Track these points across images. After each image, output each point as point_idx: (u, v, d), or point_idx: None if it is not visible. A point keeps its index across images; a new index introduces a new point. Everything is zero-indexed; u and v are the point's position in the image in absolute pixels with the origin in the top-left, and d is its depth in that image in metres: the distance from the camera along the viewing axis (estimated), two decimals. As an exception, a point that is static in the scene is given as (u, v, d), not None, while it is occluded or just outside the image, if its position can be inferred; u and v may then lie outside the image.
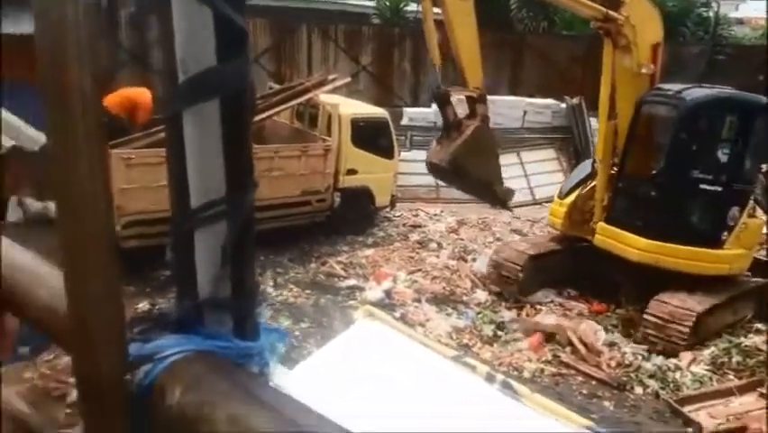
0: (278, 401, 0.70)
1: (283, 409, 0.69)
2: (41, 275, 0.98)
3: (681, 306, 7.04)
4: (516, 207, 12.97)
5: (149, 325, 0.83)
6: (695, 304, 7.06)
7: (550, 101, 15.41)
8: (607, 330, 7.62)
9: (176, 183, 0.79)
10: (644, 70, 7.50)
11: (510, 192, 8.93)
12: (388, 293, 8.51)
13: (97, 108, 0.66)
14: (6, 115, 3.56)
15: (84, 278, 0.73)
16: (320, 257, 9.69)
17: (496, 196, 8.76)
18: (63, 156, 0.67)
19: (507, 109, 14.85)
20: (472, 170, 8.17)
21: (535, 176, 13.90)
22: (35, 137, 3.37)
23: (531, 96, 15.97)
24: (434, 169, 8.53)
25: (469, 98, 8.30)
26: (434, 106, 8.89)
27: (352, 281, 8.94)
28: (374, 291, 8.54)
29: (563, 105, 15.10)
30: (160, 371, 0.76)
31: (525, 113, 15.11)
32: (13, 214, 8.56)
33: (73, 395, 5.43)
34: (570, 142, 14.82)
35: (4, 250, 1.06)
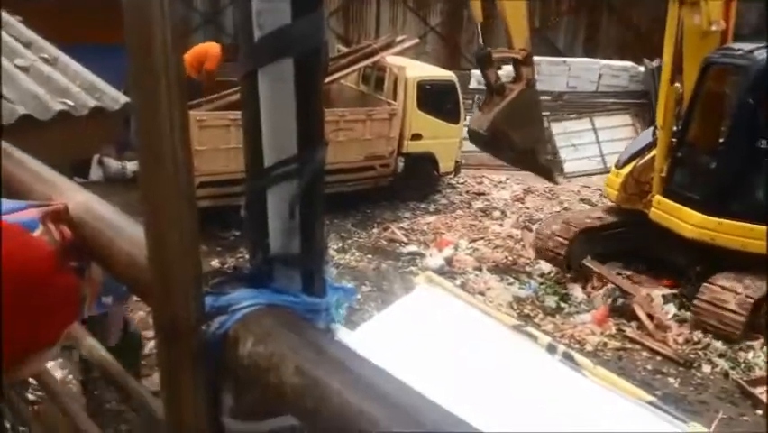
0: (344, 356, 0.72)
1: (349, 364, 0.71)
2: (124, 228, 1.03)
3: (738, 290, 6.53)
4: (586, 175, 12.59)
5: (223, 279, 0.87)
6: (754, 289, 6.53)
7: (627, 63, 14.64)
8: (676, 306, 7.36)
9: (250, 141, 0.81)
10: (714, 28, 6.78)
11: (556, 163, 8.44)
12: (448, 261, 8.51)
13: (179, 65, 0.68)
14: (90, 75, 3.75)
15: (164, 230, 0.77)
16: (382, 223, 9.77)
17: (540, 166, 8.27)
18: (146, 110, 0.70)
19: (581, 72, 14.24)
20: (514, 137, 7.68)
21: (608, 143, 13.36)
22: (116, 97, 3.55)
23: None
24: (474, 137, 8.15)
25: (513, 60, 7.88)
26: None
27: (413, 248, 8.99)
28: (435, 258, 8.56)
29: (642, 69, 14.31)
30: (233, 322, 0.79)
31: (600, 76, 14.43)
32: (95, 173, 9.04)
33: (148, 347, 5.76)
34: (647, 108, 14.05)
35: (90, 204, 1.12)
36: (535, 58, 14.90)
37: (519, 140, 7.76)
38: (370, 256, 8.68)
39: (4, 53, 3.31)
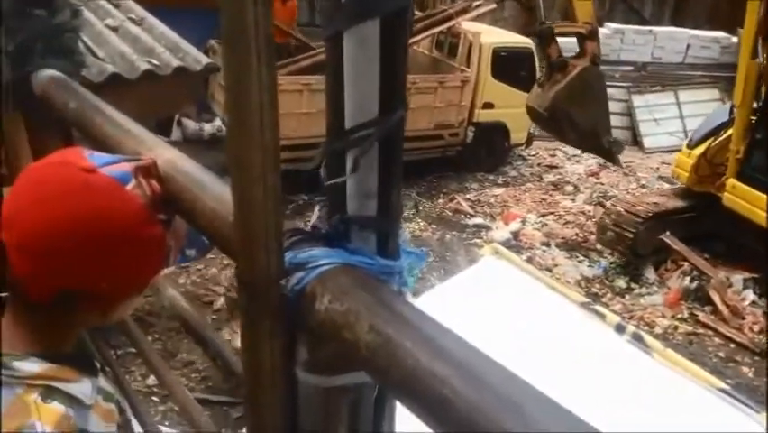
0: (417, 317, 0.73)
1: (422, 325, 0.72)
2: (208, 185, 1.08)
3: None
4: (667, 151, 12.01)
5: (301, 237, 0.89)
6: None
7: (719, 34, 13.68)
8: (756, 293, 6.98)
9: (332, 103, 0.82)
10: None
11: (620, 145, 8.00)
12: (515, 234, 8.38)
13: (267, 27, 0.70)
14: (173, 36, 3.89)
15: (248, 186, 0.79)
16: (448, 193, 9.70)
17: (602, 147, 7.85)
18: (236, 69, 0.72)
19: (667, 42, 13.46)
20: (576, 117, 7.32)
21: (693, 118, 12.62)
22: (198, 58, 3.67)
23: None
24: (532, 114, 7.86)
25: (577, 35, 7.52)
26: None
27: (478, 220, 8.90)
28: (501, 232, 8.45)
29: (735, 40, 13.35)
30: (311, 278, 0.81)
31: (688, 47, 13.58)
32: (175, 133, 9.43)
33: (219, 303, 6.03)
34: (737, 83, 13.12)
35: (176, 161, 1.17)
36: (619, 26, 14.22)
37: (581, 120, 7.39)
38: (434, 226, 8.67)
39: (96, 14, 3.47)
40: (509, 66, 9.85)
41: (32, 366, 0.99)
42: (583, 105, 7.37)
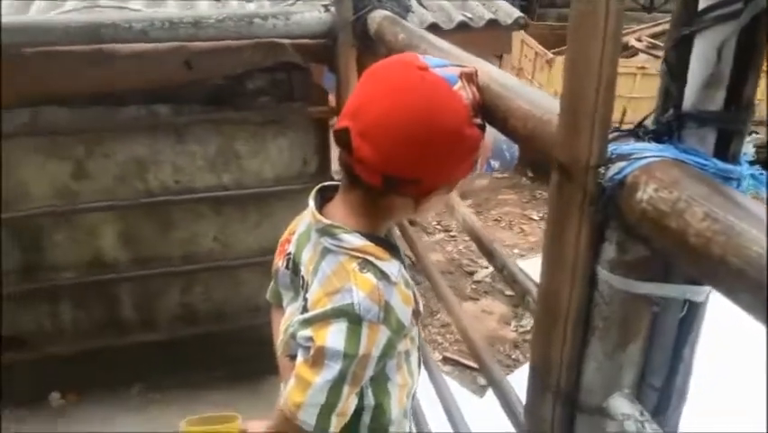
0: (763, 211, 0.65)
1: (769, 218, 0.63)
2: (522, 92, 1.11)
3: None
4: None
5: (626, 132, 0.86)
6: None
7: None
8: None
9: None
10: None
11: None
12: None
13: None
14: None
15: (585, 69, 0.79)
16: None
17: None
18: (582, 27, 0.75)
19: None
20: None
21: None
22: (510, 12, 3.81)
23: None
24: None
25: None
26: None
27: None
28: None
29: None
30: (633, 169, 0.77)
31: None
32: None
33: (480, 274, 6.11)
34: None
35: (491, 72, 1.22)
36: None
37: None
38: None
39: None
40: None
41: (355, 240, 1.15)
42: None
